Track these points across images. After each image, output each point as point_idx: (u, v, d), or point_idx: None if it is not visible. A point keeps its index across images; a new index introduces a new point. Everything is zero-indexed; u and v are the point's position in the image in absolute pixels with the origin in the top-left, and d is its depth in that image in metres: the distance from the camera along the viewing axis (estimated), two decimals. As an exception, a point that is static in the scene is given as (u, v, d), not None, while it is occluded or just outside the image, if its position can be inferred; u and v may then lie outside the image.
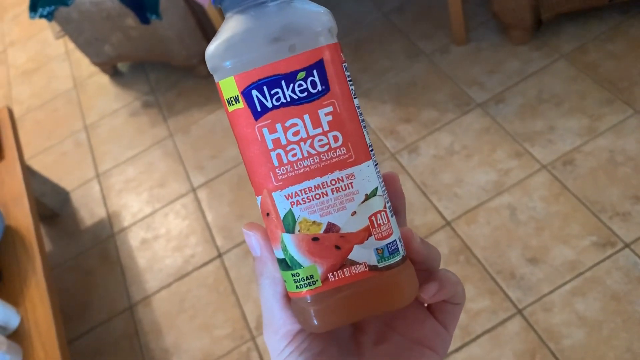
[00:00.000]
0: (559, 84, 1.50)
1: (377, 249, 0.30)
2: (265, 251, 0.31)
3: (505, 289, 1.21)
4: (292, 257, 0.30)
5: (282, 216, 0.30)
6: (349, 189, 0.29)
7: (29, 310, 1.17)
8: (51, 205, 1.73)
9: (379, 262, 0.30)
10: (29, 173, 1.53)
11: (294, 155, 0.29)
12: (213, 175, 1.67)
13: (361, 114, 0.30)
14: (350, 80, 0.30)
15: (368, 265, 0.30)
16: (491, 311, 1.19)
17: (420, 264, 0.32)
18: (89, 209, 1.75)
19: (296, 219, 0.29)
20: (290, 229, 0.29)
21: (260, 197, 0.30)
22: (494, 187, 1.37)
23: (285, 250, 0.30)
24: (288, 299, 0.31)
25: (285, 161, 0.29)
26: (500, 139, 1.45)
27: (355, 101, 0.30)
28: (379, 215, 0.30)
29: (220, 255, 1.49)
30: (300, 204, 0.29)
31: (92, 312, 1.51)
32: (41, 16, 1.75)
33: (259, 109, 0.29)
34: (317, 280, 0.29)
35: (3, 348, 1.03)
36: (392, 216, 0.31)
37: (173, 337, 1.39)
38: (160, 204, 1.67)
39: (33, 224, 1.32)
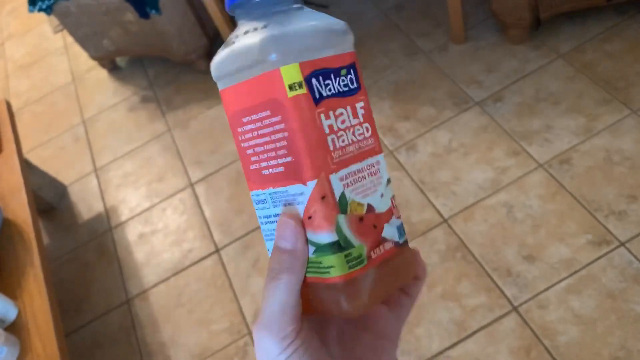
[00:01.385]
0: (557, 83, 1.51)
1: (397, 227, 0.34)
2: (302, 245, 0.31)
3: (501, 286, 1.22)
4: (346, 237, 0.31)
5: (337, 198, 0.31)
6: (377, 174, 0.33)
7: (27, 303, 1.17)
8: (49, 199, 1.73)
9: (399, 239, 0.34)
10: (27, 166, 1.53)
11: (343, 141, 0.32)
12: (211, 170, 1.67)
13: None
14: None
15: (394, 242, 0.33)
16: (487, 308, 1.20)
17: None
18: (86, 202, 1.75)
19: (347, 200, 0.31)
20: (344, 209, 0.31)
21: (314, 181, 0.31)
22: (491, 185, 1.37)
23: (340, 231, 0.31)
24: (299, 296, 0.31)
25: (337, 146, 0.31)
26: (497, 137, 1.45)
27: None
28: (394, 199, 0.34)
29: (217, 250, 1.49)
30: (349, 185, 0.32)
31: (90, 306, 1.51)
32: (40, 10, 1.75)
33: (317, 96, 0.31)
34: (364, 259, 0.31)
35: (1, 340, 1.03)
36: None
37: (170, 331, 1.39)
38: (159, 198, 1.67)
39: (31, 217, 1.32)
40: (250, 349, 1.30)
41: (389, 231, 0.33)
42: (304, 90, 0.31)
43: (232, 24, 1.80)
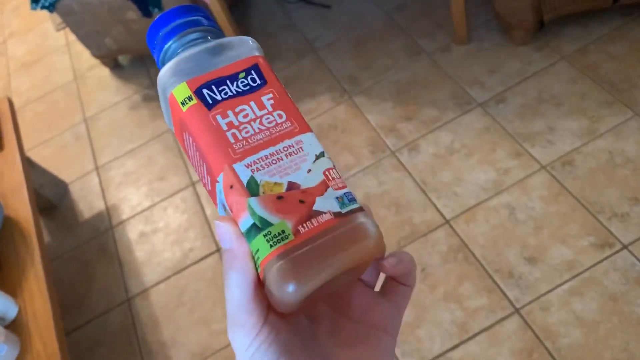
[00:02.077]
0: (560, 84, 1.50)
1: (337, 197, 0.33)
2: (236, 242, 0.32)
3: (503, 287, 1.22)
4: (261, 217, 0.31)
5: (245, 183, 0.32)
6: (300, 152, 0.34)
7: (27, 301, 1.17)
8: (50, 197, 1.73)
9: (341, 209, 0.32)
10: (28, 164, 1.53)
11: (247, 132, 0.33)
12: (213, 169, 1.67)
13: (295, 103, 0.36)
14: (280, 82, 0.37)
15: (333, 212, 0.32)
16: (489, 309, 1.20)
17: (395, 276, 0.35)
18: (87, 201, 1.75)
19: (258, 182, 0.32)
20: (255, 192, 0.32)
21: (221, 175, 0.33)
22: (493, 187, 1.37)
23: (253, 213, 0.31)
24: (257, 290, 0.31)
25: (240, 137, 0.33)
26: (500, 138, 1.45)
27: (289, 96, 0.36)
28: (331, 170, 0.34)
29: (219, 250, 1.49)
30: (260, 170, 0.32)
31: (90, 304, 1.51)
32: (43, 7, 1.74)
33: (210, 102, 0.34)
34: (289, 234, 0.31)
35: (1, 338, 1.03)
36: (340, 176, 0.35)
37: (171, 331, 1.39)
38: (160, 197, 1.67)
39: (32, 216, 1.32)
40: (250, 349, 1.30)
41: (324, 203, 0.32)
42: (194, 101, 0.34)
43: (235, 23, 1.80)
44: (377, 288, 0.37)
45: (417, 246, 1.33)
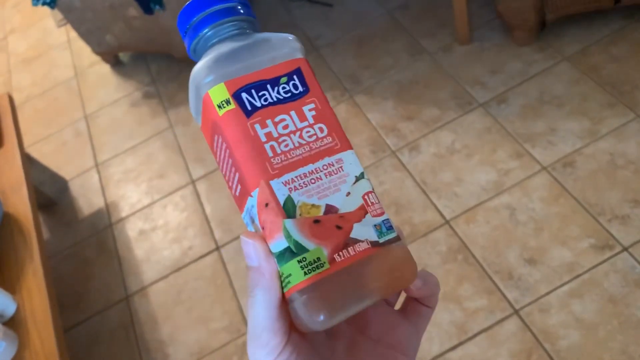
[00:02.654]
0: (561, 85, 1.50)
1: (375, 225, 0.31)
2: (264, 261, 0.30)
3: (502, 289, 1.21)
4: (297, 241, 0.30)
5: (282, 202, 0.30)
6: (340, 172, 0.32)
7: (26, 298, 1.17)
8: (50, 194, 1.73)
9: (379, 238, 0.31)
10: (28, 161, 1.53)
11: (286, 145, 0.31)
12: (213, 167, 1.67)
13: (335, 115, 0.34)
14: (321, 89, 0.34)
15: (370, 242, 0.31)
16: (488, 310, 1.19)
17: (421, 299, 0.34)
18: (87, 198, 1.74)
19: (296, 203, 0.30)
20: (291, 214, 0.30)
21: (256, 190, 0.31)
22: (493, 187, 1.37)
23: (288, 236, 0.30)
24: (281, 309, 0.30)
25: (279, 151, 0.31)
26: (501, 139, 1.45)
27: (330, 104, 0.34)
28: (370, 194, 0.32)
29: (218, 248, 1.49)
30: (297, 189, 0.31)
31: (89, 302, 1.51)
32: (44, 4, 1.74)
33: (249, 108, 0.32)
34: (324, 263, 0.29)
35: (-1, 335, 1.03)
36: (379, 200, 0.33)
37: (169, 329, 1.39)
38: (159, 195, 1.67)
39: (31, 212, 1.32)
40: (249, 347, 1.30)
41: (362, 231, 0.31)
42: (232, 105, 0.32)
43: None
44: (397, 306, 0.36)
45: (417, 246, 1.32)
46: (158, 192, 1.68)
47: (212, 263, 1.47)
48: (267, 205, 0.30)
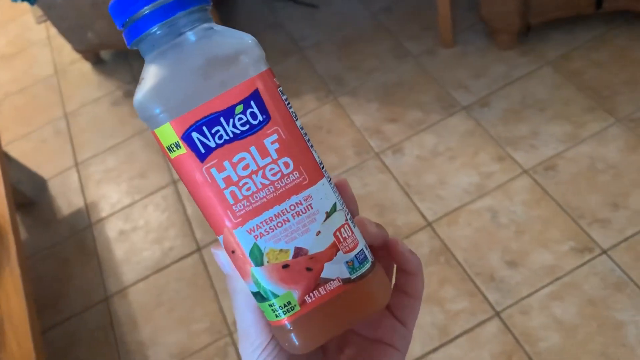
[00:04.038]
0: (544, 90, 1.51)
1: (347, 262, 0.30)
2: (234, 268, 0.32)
3: (484, 291, 1.22)
4: (266, 288, 0.29)
5: (247, 252, 0.29)
6: (309, 210, 0.29)
7: (2, 299, 1.14)
8: (28, 193, 1.70)
9: (351, 274, 0.30)
10: (6, 159, 1.50)
11: (248, 189, 0.29)
12: (195, 168, 1.65)
13: (306, 134, 0.30)
14: (288, 103, 0.30)
15: (341, 279, 0.30)
16: (470, 312, 1.20)
17: (379, 246, 0.34)
18: (66, 198, 1.72)
19: (262, 250, 0.29)
20: (258, 262, 0.29)
21: (221, 236, 0.30)
22: (476, 190, 1.38)
23: (257, 283, 0.30)
24: (261, 310, 0.32)
25: (240, 197, 0.29)
26: (483, 142, 1.46)
27: (298, 123, 0.30)
28: (342, 229, 0.30)
29: (199, 249, 1.48)
30: (264, 235, 0.29)
31: (67, 303, 1.48)
32: (24, 0, 1.71)
33: (203, 151, 0.28)
34: (295, 305, 0.29)
35: (-26, 337, 1.01)
36: (354, 226, 0.31)
37: (149, 330, 1.37)
38: (140, 195, 1.65)
39: (9, 212, 1.29)
40: (230, 349, 1.29)
41: (333, 270, 0.29)
42: (183, 150, 0.28)
43: (220, 19, 1.79)
44: None
45: (400, 248, 1.33)
46: (139, 192, 1.66)
47: (193, 264, 1.45)
48: (233, 252, 0.30)
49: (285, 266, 0.29)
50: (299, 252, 0.29)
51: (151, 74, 0.28)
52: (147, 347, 1.34)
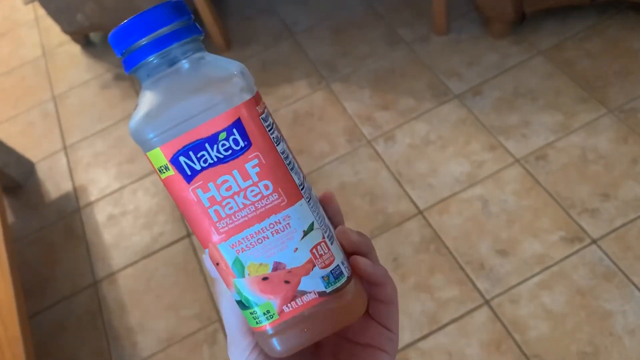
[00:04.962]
0: (536, 79, 1.51)
1: (322, 277, 0.33)
2: None
3: (474, 279, 1.22)
4: (247, 298, 0.33)
5: (231, 264, 0.32)
6: (287, 229, 0.32)
7: (-11, 283, 1.13)
8: (15, 177, 1.68)
9: (326, 288, 0.33)
10: (-8, 141, 1.48)
11: (231, 208, 0.31)
12: (185, 153, 1.64)
13: (287, 157, 0.33)
14: (271, 129, 0.32)
15: (317, 292, 0.33)
16: (459, 301, 1.20)
17: (360, 253, 0.36)
18: (54, 181, 1.70)
19: (244, 264, 0.32)
20: (240, 274, 0.32)
21: (207, 250, 0.33)
22: (467, 179, 1.38)
23: (239, 293, 0.33)
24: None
25: (223, 215, 0.32)
26: (475, 131, 1.45)
27: (280, 147, 0.32)
28: (319, 246, 0.33)
29: (189, 235, 1.47)
30: (245, 250, 0.32)
31: (55, 287, 1.47)
32: (11, -21, 1.68)
33: (189, 173, 0.31)
34: (274, 314, 0.33)
35: (-40, 321, 1.00)
36: (332, 243, 0.33)
37: (138, 316, 1.36)
38: (129, 180, 1.63)
39: (-4, 195, 1.28)
40: (219, 335, 1.29)
41: (309, 283, 0.32)
42: (171, 172, 0.31)
43: (213, 5, 1.76)
44: None
45: (390, 236, 1.33)
46: (128, 176, 1.64)
47: (183, 250, 1.44)
48: (217, 264, 0.33)
49: (265, 278, 0.32)
50: (277, 266, 0.32)
51: (145, 101, 0.31)
52: (135, 333, 1.34)
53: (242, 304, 0.33)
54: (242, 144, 0.31)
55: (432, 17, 1.67)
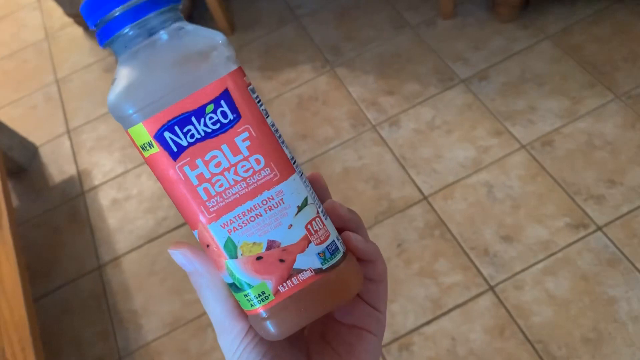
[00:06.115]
0: (543, 64, 1.50)
1: (318, 253, 0.31)
2: (196, 263, 0.32)
3: (478, 265, 1.22)
4: (241, 279, 0.31)
5: (222, 245, 0.31)
6: (281, 205, 0.30)
7: (-6, 267, 1.13)
8: (19, 160, 1.67)
9: (323, 265, 0.31)
10: (-4, 125, 1.47)
11: (221, 185, 0.30)
12: (189, 137, 1.63)
13: (277, 130, 0.31)
14: (259, 102, 0.31)
15: (313, 269, 0.31)
16: (463, 286, 1.20)
17: (349, 228, 0.35)
18: (58, 165, 1.70)
19: (236, 244, 0.30)
20: (233, 255, 0.31)
21: (196, 231, 0.31)
22: (472, 164, 1.37)
23: (232, 275, 0.31)
24: (231, 300, 0.32)
25: (213, 193, 0.30)
26: (481, 116, 1.44)
27: (269, 120, 0.31)
28: (314, 222, 0.31)
29: (193, 219, 1.47)
30: (237, 229, 0.30)
31: (60, 271, 1.48)
32: (13, -40, 1.66)
33: (175, 150, 0.29)
34: (269, 295, 0.31)
35: (-34, 304, 1.00)
36: (326, 219, 0.32)
37: (142, 299, 1.37)
38: (133, 164, 1.63)
39: (0, 179, 1.28)
40: (224, 319, 1.29)
41: (305, 261, 0.31)
42: (156, 149, 0.29)
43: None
44: None
45: (394, 221, 1.32)
46: (132, 160, 1.64)
47: (186, 234, 1.45)
48: (208, 246, 0.31)
49: (259, 258, 0.31)
50: (271, 244, 0.31)
51: (123, 75, 0.29)
52: (140, 316, 1.34)
53: (235, 287, 0.31)
54: (230, 116, 0.29)
55: (438, 0, 1.65)
